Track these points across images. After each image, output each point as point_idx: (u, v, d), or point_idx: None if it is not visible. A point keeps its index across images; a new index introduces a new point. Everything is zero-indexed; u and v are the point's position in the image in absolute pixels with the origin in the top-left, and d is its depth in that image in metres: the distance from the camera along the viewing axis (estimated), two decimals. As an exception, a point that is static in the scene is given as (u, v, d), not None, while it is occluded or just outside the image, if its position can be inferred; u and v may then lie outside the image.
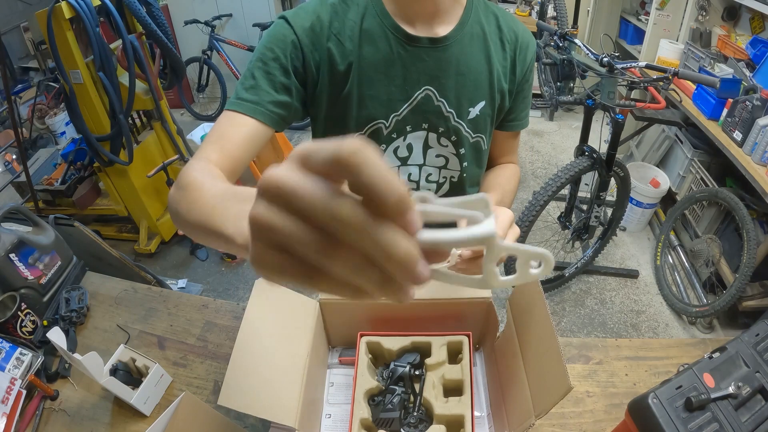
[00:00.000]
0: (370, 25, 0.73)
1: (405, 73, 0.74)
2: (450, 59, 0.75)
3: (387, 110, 0.77)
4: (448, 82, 0.76)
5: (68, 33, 1.90)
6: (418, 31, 0.73)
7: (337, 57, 0.72)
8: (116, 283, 1.14)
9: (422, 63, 0.74)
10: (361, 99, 0.75)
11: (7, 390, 0.82)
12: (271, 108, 0.70)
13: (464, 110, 0.79)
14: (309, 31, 0.71)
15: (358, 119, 0.77)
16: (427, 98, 0.77)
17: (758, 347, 0.69)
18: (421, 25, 0.73)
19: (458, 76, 0.76)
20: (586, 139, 2.12)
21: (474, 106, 0.79)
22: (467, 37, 0.76)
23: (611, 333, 2.15)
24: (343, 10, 0.73)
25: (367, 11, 0.73)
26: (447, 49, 0.75)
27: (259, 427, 0.82)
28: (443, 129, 0.80)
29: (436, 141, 0.81)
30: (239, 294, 2.38)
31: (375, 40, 0.73)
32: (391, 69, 0.74)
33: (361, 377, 0.76)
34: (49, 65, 3.32)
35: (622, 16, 3.52)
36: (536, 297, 0.69)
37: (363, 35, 0.72)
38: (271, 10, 3.67)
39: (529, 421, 0.62)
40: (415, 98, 0.76)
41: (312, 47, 0.71)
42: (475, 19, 0.77)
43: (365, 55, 0.73)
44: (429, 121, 0.79)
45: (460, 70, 0.76)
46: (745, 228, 1.86)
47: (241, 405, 0.60)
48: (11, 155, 2.88)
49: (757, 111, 1.82)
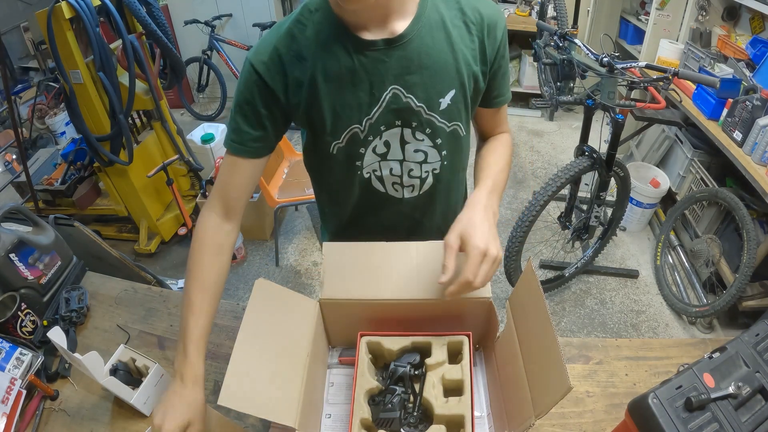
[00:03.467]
0: (327, 39, 0.75)
1: (370, 79, 0.76)
2: (411, 55, 0.76)
3: (359, 115, 0.79)
4: (413, 77, 0.77)
5: (68, 33, 1.90)
6: (374, 35, 0.74)
7: (300, 76, 0.76)
8: (116, 283, 1.14)
9: (384, 65, 0.75)
10: (333, 109, 0.78)
11: (7, 390, 0.82)
12: (252, 145, 0.80)
13: (434, 102, 0.79)
14: (269, 63, 0.76)
15: (333, 128, 0.80)
16: (395, 97, 0.78)
17: (758, 347, 0.69)
18: (375, 29, 0.74)
19: (422, 70, 0.77)
20: (586, 139, 2.12)
21: (444, 96, 0.79)
22: (425, 29, 0.76)
23: (611, 333, 2.15)
24: (300, 31, 0.75)
25: (321, 27, 0.75)
26: (406, 45, 0.75)
27: (259, 427, 0.82)
28: (416, 123, 0.81)
29: (412, 135, 0.83)
30: (239, 294, 2.38)
31: (334, 52, 0.74)
32: (354, 77, 0.76)
33: (361, 377, 0.76)
34: (49, 65, 3.32)
35: (622, 16, 3.52)
36: (536, 297, 0.69)
37: (322, 50, 0.75)
38: (271, 10, 3.67)
39: (529, 421, 0.62)
40: (383, 99, 0.78)
41: (276, 77, 0.76)
42: (433, 8, 0.77)
43: (327, 68, 0.75)
44: (401, 117, 0.80)
45: (423, 63, 0.76)
46: (745, 228, 1.86)
47: (241, 405, 0.60)
48: (11, 155, 2.88)
49: (757, 111, 1.82)
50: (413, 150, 0.84)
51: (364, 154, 0.83)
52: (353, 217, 0.96)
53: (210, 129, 2.91)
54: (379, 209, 0.93)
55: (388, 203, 0.91)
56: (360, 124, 0.79)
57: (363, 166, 0.85)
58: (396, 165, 0.86)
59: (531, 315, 0.70)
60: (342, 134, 0.80)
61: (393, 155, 0.84)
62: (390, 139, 0.83)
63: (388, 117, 0.79)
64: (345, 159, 0.84)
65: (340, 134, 0.80)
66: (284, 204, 2.33)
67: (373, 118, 0.79)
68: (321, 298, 0.83)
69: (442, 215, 0.97)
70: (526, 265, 0.73)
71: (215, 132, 2.89)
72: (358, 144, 0.82)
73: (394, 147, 0.84)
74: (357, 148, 0.82)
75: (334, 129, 0.80)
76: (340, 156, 0.83)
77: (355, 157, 0.84)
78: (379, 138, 0.82)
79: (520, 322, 0.73)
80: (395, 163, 0.86)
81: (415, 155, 0.85)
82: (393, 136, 0.82)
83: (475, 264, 0.69)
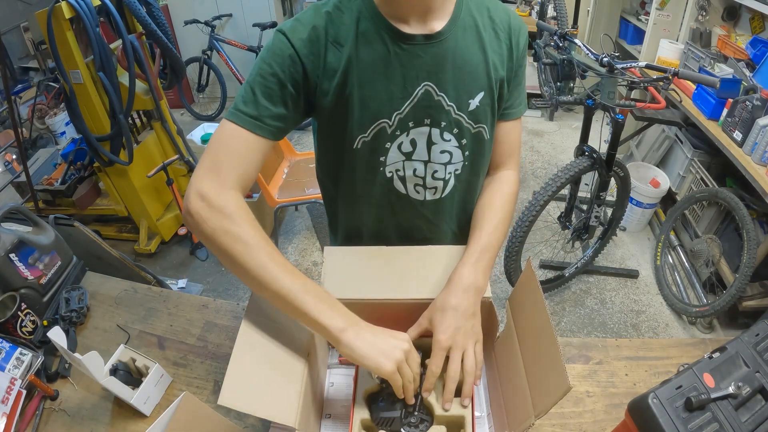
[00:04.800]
0: (365, 28, 0.74)
1: (403, 71, 0.76)
2: (446, 53, 0.77)
3: (389, 109, 0.78)
4: (446, 75, 0.77)
5: (68, 33, 1.90)
6: (413, 29, 0.75)
7: (335, 62, 0.75)
8: (116, 283, 1.14)
9: (419, 60, 0.76)
10: (363, 100, 0.77)
11: (7, 390, 0.82)
12: (269, 122, 0.74)
13: (464, 102, 0.80)
14: (307, 42, 0.73)
15: (361, 120, 0.78)
16: (428, 94, 0.78)
17: (758, 347, 0.69)
18: (414, 23, 0.75)
19: (455, 69, 0.78)
20: (586, 139, 2.12)
21: (473, 98, 0.80)
22: (461, 30, 0.78)
23: (611, 333, 2.15)
24: (338, 17, 0.75)
25: (361, 15, 0.75)
26: (442, 43, 0.76)
27: (259, 427, 0.82)
28: (445, 123, 0.81)
29: (440, 136, 0.82)
30: (239, 294, 2.38)
31: (371, 41, 0.74)
32: (389, 68, 0.75)
33: (361, 377, 0.76)
34: (49, 65, 3.32)
35: (622, 16, 3.52)
36: (536, 297, 0.68)
37: (359, 38, 0.74)
38: (271, 10, 3.67)
39: (528, 421, 0.62)
40: (415, 95, 0.77)
41: (311, 57, 0.74)
42: (467, 12, 0.79)
43: (362, 57, 0.74)
44: (431, 116, 0.80)
45: (457, 63, 0.77)
46: (745, 228, 1.86)
47: (241, 405, 0.60)
48: (11, 155, 2.88)
49: (757, 111, 1.82)
50: (439, 151, 0.83)
51: (389, 149, 0.82)
52: (370, 220, 0.93)
53: (210, 129, 2.92)
54: (399, 212, 0.91)
55: (408, 206, 0.90)
56: (389, 119, 0.78)
57: (386, 163, 0.83)
58: (420, 166, 0.85)
59: (531, 315, 0.70)
60: (369, 128, 0.79)
61: (418, 155, 0.83)
62: (417, 138, 0.82)
63: (418, 113, 0.79)
64: (369, 154, 0.82)
65: (367, 127, 0.79)
66: (284, 204, 2.33)
67: (404, 113, 0.78)
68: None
69: (458, 219, 0.95)
70: (526, 265, 0.73)
71: (215, 132, 2.89)
72: (384, 139, 0.80)
73: (420, 147, 0.83)
74: (383, 143, 0.81)
75: (362, 121, 0.78)
76: (365, 151, 0.81)
77: (380, 152, 0.82)
78: (406, 135, 0.81)
79: (520, 322, 0.73)
80: (419, 164, 0.84)
81: (440, 156, 0.84)
82: (420, 136, 0.81)
83: (438, 358, 0.72)
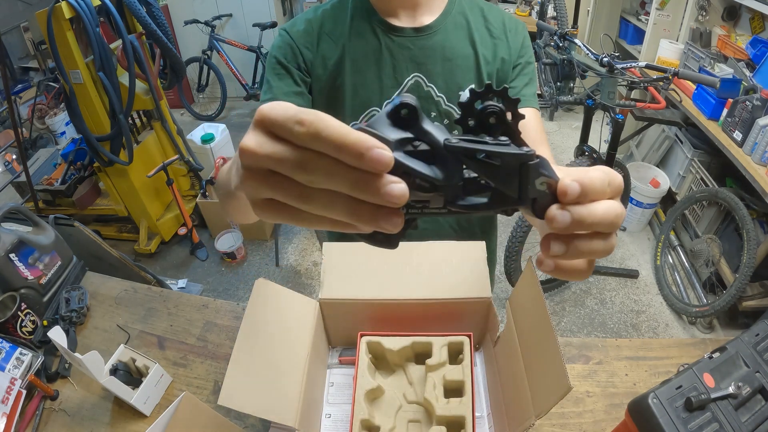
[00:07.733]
0: (359, 23, 0.80)
1: (393, 62, 0.80)
2: (435, 46, 0.80)
3: (380, 97, 0.81)
4: (435, 68, 0.81)
5: (68, 33, 1.90)
6: (403, 22, 0.80)
7: (328, 52, 0.81)
8: (116, 283, 1.14)
9: (408, 51, 0.80)
10: (354, 87, 0.81)
11: (7, 390, 0.82)
12: (284, 99, 0.78)
13: (454, 94, 0.82)
14: (303, 33, 0.81)
15: (353, 107, 0.82)
16: (417, 84, 0.81)
17: (758, 347, 0.69)
18: (404, 17, 0.80)
19: (445, 62, 0.81)
20: (586, 139, 2.12)
21: (464, 90, 0.82)
22: (451, 26, 0.81)
23: (611, 333, 2.15)
24: (334, 14, 0.82)
25: (355, 11, 0.81)
26: (431, 36, 0.80)
27: (259, 427, 0.82)
28: (435, 114, 0.83)
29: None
30: (239, 294, 2.38)
31: (363, 34, 0.80)
32: (380, 58, 0.80)
33: (361, 377, 0.76)
34: (49, 65, 3.32)
35: (622, 16, 3.52)
36: (536, 297, 0.68)
37: (352, 31, 0.80)
38: (271, 10, 3.67)
39: (529, 421, 0.62)
40: (405, 85, 0.81)
41: (307, 45, 0.81)
42: (459, 10, 0.82)
43: (355, 48, 0.80)
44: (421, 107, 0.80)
45: (446, 55, 0.80)
46: (745, 228, 1.86)
47: (241, 405, 0.60)
48: (11, 155, 2.88)
49: (757, 111, 1.82)
50: None
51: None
52: None
53: (210, 129, 2.91)
54: None
55: None
56: (379, 107, 0.82)
57: None
58: None
59: (531, 315, 0.70)
60: (360, 115, 0.83)
61: None
62: None
63: None
64: None
65: (358, 115, 0.83)
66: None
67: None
68: (321, 298, 0.83)
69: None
70: (526, 265, 0.73)
71: (215, 132, 2.89)
72: None
73: None
74: None
75: (353, 109, 0.82)
76: None
77: None
78: None
79: (520, 322, 0.73)
80: None
81: None
82: None
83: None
